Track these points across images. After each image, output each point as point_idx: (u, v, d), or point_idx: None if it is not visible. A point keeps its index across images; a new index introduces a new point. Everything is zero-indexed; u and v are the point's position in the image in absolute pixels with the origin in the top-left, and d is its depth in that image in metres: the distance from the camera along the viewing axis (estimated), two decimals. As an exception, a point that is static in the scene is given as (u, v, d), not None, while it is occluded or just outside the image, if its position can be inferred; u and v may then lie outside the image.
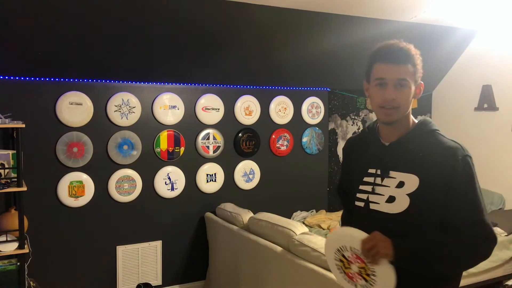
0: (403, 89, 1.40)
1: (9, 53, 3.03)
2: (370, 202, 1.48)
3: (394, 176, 1.44)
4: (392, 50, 1.41)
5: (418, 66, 1.43)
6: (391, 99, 1.39)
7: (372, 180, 1.49)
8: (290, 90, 4.27)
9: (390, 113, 1.41)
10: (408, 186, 1.40)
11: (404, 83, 1.39)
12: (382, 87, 1.41)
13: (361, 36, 3.71)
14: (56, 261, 3.43)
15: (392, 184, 1.44)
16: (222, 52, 3.55)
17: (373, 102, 1.47)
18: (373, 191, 1.48)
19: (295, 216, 4.23)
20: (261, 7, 3.15)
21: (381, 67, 1.41)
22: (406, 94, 1.40)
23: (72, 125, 3.40)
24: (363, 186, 1.51)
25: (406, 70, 1.39)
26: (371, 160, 1.52)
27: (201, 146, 3.88)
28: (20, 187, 2.89)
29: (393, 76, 1.39)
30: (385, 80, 1.40)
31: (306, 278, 2.53)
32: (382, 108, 1.42)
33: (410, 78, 1.40)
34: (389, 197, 1.44)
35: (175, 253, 3.87)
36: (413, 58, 1.41)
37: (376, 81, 1.42)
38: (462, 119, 4.49)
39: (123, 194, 3.60)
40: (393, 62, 1.39)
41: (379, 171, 1.48)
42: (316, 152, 4.44)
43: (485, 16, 3.80)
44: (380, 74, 1.41)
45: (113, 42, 3.16)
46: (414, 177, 1.40)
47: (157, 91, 3.71)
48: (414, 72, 1.42)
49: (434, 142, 1.44)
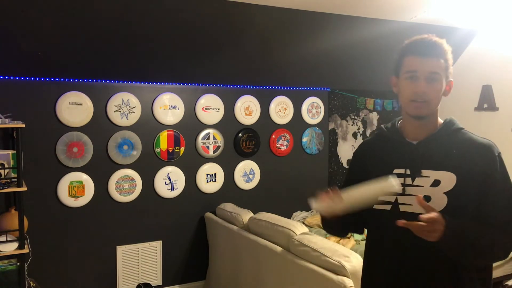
0: (434, 83, 1.36)
1: (9, 53, 3.03)
2: (400, 204, 1.41)
3: (427, 175, 1.38)
4: (425, 43, 1.39)
5: (450, 62, 1.40)
6: (422, 91, 1.35)
7: (402, 181, 1.41)
8: (290, 90, 4.27)
9: (421, 106, 1.37)
10: (444, 184, 1.36)
11: (435, 77, 1.36)
12: (413, 80, 1.37)
13: (361, 36, 3.70)
14: (56, 261, 3.43)
15: (426, 183, 1.38)
16: (222, 52, 3.55)
17: (402, 95, 1.42)
18: (403, 193, 1.41)
19: (295, 216, 4.23)
20: (261, 7, 3.15)
21: (413, 59, 1.38)
22: (437, 89, 1.37)
23: (72, 125, 3.40)
24: None
25: (439, 64, 1.37)
26: (396, 160, 1.45)
27: (201, 146, 3.88)
28: (20, 187, 2.89)
29: (425, 69, 1.36)
30: (417, 73, 1.36)
31: (306, 278, 2.53)
32: (413, 102, 1.38)
33: (442, 73, 1.37)
34: (424, 197, 1.35)
35: (175, 253, 3.86)
36: (446, 53, 1.39)
37: (407, 74, 1.39)
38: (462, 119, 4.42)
39: (123, 194, 3.60)
40: (426, 55, 1.37)
41: (408, 171, 1.41)
42: (316, 152, 4.44)
43: (485, 16, 3.79)
44: (411, 66, 1.38)
45: (113, 42, 3.16)
46: (450, 175, 1.36)
47: (157, 91, 3.71)
48: (446, 68, 1.39)
49: (467, 139, 1.41)
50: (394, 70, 1.45)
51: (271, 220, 3.02)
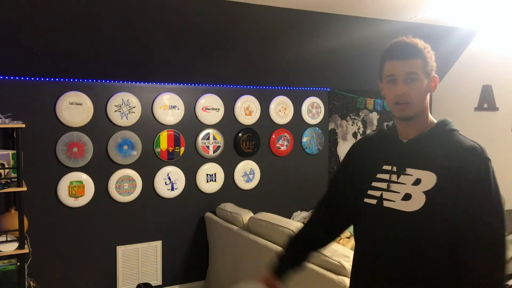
0: (413, 83, 1.40)
1: (9, 53, 3.03)
2: (384, 200, 1.45)
3: (410, 173, 1.42)
4: (399, 47, 1.44)
5: (429, 59, 1.43)
6: (401, 93, 1.40)
7: (387, 177, 1.46)
8: (290, 90, 4.27)
9: (404, 108, 1.42)
10: (424, 183, 1.38)
11: (414, 77, 1.40)
12: (393, 84, 1.43)
13: (361, 36, 3.71)
14: (56, 261, 3.43)
15: (409, 181, 1.41)
16: (222, 52, 3.54)
17: (387, 100, 1.48)
18: (388, 188, 1.45)
19: (295, 216, 4.23)
20: (261, 7, 3.15)
21: (391, 64, 1.44)
22: (417, 88, 1.40)
23: (72, 125, 3.40)
24: (376, 183, 1.48)
25: (415, 64, 1.40)
26: (386, 157, 1.49)
27: (201, 146, 3.88)
28: (20, 187, 2.89)
29: (402, 71, 1.40)
30: (395, 76, 1.42)
31: (306, 278, 2.53)
32: (396, 104, 1.43)
33: (420, 72, 1.40)
34: (405, 195, 1.40)
35: (175, 253, 3.86)
36: (422, 52, 1.42)
37: (387, 78, 1.45)
38: (462, 119, 4.48)
39: (123, 194, 3.60)
40: (401, 57, 1.41)
41: (395, 168, 1.45)
42: (316, 152, 4.44)
43: (485, 16, 3.79)
44: (390, 71, 1.44)
45: (113, 42, 3.16)
46: (431, 175, 1.38)
47: (157, 91, 3.71)
48: (425, 65, 1.42)
49: (454, 141, 1.42)
50: (379, 76, 1.51)
51: (271, 220, 3.02)
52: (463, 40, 4.31)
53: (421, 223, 1.37)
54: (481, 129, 4.28)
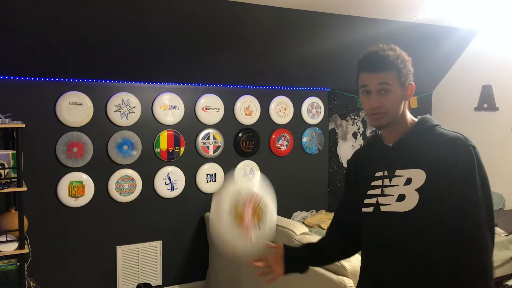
0: (387, 94, 1.40)
1: (9, 53, 3.03)
2: (380, 205, 1.46)
3: (401, 174, 1.43)
4: (372, 59, 1.44)
5: (403, 68, 1.42)
6: (375, 106, 1.41)
7: (380, 183, 1.48)
8: (290, 90, 4.27)
9: (379, 117, 1.43)
10: (415, 181, 1.40)
11: (387, 88, 1.40)
12: (368, 95, 1.44)
13: (361, 36, 3.70)
14: (56, 261, 3.43)
15: (400, 182, 1.43)
16: (222, 52, 3.55)
17: (364, 110, 1.50)
18: (382, 193, 1.46)
19: (295, 216, 4.23)
20: (262, 7, 3.15)
21: (364, 75, 1.45)
22: (391, 99, 1.41)
23: (72, 125, 3.40)
24: (371, 191, 1.50)
25: (387, 76, 1.40)
26: (377, 164, 1.51)
27: (201, 146, 3.88)
28: (20, 187, 2.89)
29: (374, 82, 1.41)
30: (368, 88, 1.43)
31: (306, 278, 2.52)
32: (371, 115, 1.44)
33: (393, 83, 1.41)
34: (399, 196, 1.42)
35: (175, 253, 3.86)
36: (393, 64, 1.41)
37: (362, 89, 1.46)
38: (462, 119, 4.49)
39: (123, 194, 3.60)
40: (374, 69, 1.42)
41: (386, 172, 1.47)
42: (316, 152, 4.44)
43: (485, 16, 3.80)
44: (363, 81, 1.45)
45: (113, 42, 3.16)
46: (420, 172, 1.39)
47: (157, 91, 3.71)
48: (399, 76, 1.41)
49: (436, 135, 1.44)
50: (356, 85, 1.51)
51: (271, 220, 3.01)
52: (463, 40, 4.31)
53: (418, 222, 1.39)
54: (481, 129, 4.28)
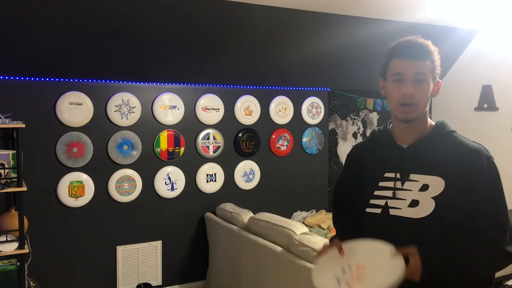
0: (421, 84, 1.36)
1: (9, 53, 3.03)
2: (390, 208, 1.42)
3: (416, 179, 1.39)
4: (410, 46, 1.39)
5: (437, 62, 1.40)
6: (409, 94, 1.35)
7: (392, 184, 1.43)
8: (290, 90, 4.27)
9: (409, 110, 1.38)
10: (433, 188, 1.36)
11: (422, 78, 1.36)
12: (400, 83, 1.37)
13: (361, 36, 3.71)
14: (56, 261, 3.43)
15: (415, 187, 1.39)
16: (222, 52, 3.55)
17: (390, 99, 1.43)
18: (394, 196, 1.42)
19: (295, 216, 4.23)
20: (261, 7, 3.15)
21: (399, 62, 1.38)
22: (424, 90, 1.37)
23: (72, 125, 3.40)
24: (379, 192, 1.45)
25: (425, 65, 1.37)
26: (387, 164, 1.46)
27: (201, 146, 3.88)
28: (20, 187, 2.89)
29: (411, 70, 1.36)
30: (403, 75, 1.37)
31: (306, 278, 2.52)
32: (401, 105, 1.38)
33: (428, 74, 1.37)
34: (412, 201, 1.37)
35: (175, 253, 3.86)
36: (432, 54, 1.39)
37: (394, 77, 1.39)
38: (462, 119, 4.49)
39: (123, 194, 3.60)
40: (411, 57, 1.37)
41: (398, 174, 1.42)
42: (316, 152, 4.44)
43: (485, 16, 3.79)
44: (397, 69, 1.38)
45: (113, 42, 3.16)
46: (439, 179, 1.36)
47: (157, 91, 3.71)
48: (433, 69, 1.39)
49: (457, 143, 1.41)
50: (381, 73, 1.46)
51: (271, 220, 3.02)
52: (463, 40, 4.31)
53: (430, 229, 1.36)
54: (481, 129, 4.28)
